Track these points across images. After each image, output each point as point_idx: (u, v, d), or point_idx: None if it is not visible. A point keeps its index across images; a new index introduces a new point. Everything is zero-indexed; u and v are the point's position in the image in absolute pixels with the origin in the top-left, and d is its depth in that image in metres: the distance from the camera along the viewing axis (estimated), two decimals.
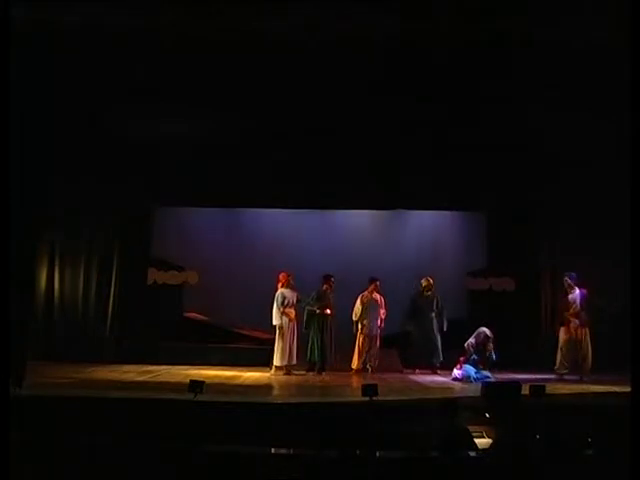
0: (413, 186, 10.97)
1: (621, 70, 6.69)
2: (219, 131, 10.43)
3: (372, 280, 10.55)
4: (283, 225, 12.19)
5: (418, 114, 10.22)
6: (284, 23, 8.95)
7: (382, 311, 10.47)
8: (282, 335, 9.91)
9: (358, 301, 10.50)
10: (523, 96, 9.92)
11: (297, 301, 10.07)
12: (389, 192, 11.09)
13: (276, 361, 9.90)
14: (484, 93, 9.99)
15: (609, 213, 10.33)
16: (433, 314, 10.51)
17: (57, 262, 11.16)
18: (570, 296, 9.78)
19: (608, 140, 9.96)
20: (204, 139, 10.51)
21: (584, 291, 9.75)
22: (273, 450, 5.07)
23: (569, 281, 9.81)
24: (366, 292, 10.54)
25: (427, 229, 12.33)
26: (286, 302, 9.96)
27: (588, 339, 9.62)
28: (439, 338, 10.48)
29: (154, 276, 11.57)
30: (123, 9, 8.79)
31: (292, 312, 10.00)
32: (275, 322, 9.95)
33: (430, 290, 10.61)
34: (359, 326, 10.47)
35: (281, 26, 9.05)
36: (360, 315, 10.46)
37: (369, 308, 10.45)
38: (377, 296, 10.53)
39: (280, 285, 10.06)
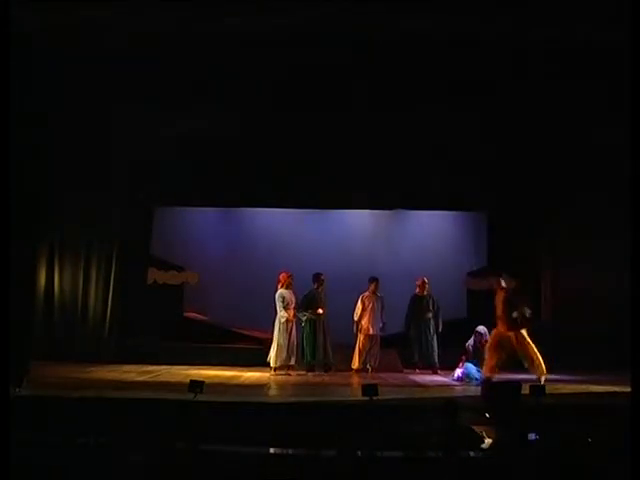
0: (413, 186, 10.97)
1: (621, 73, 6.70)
2: (219, 131, 10.43)
3: (372, 280, 10.55)
4: (283, 225, 12.19)
5: (418, 114, 10.22)
6: (284, 20, 8.94)
7: (382, 315, 10.46)
8: (280, 336, 9.90)
9: (359, 301, 10.50)
10: (523, 96, 9.92)
11: (295, 304, 10.04)
12: (389, 192, 11.08)
13: (273, 362, 9.89)
14: (484, 93, 9.99)
15: (609, 213, 10.34)
16: (430, 314, 10.52)
17: (57, 262, 11.15)
18: (497, 297, 9.24)
19: (608, 139, 9.96)
20: (204, 139, 10.50)
21: (507, 292, 9.28)
22: (273, 450, 5.07)
23: (500, 282, 9.49)
24: (367, 292, 10.54)
25: (427, 229, 12.33)
26: (286, 303, 9.95)
27: (522, 340, 9.02)
28: (435, 338, 10.49)
29: (154, 276, 11.58)
30: (123, 9, 8.79)
31: (291, 313, 9.98)
32: (282, 320, 9.93)
33: (425, 291, 10.58)
34: (359, 326, 10.48)
35: (282, 23, 9.04)
36: (360, 315, 10.47)
37: (369, 308, 10.45)
38: (378, 296, 10.52)
39: (280, 285, 10.04)
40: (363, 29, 9.13)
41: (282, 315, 9.93)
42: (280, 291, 10.01)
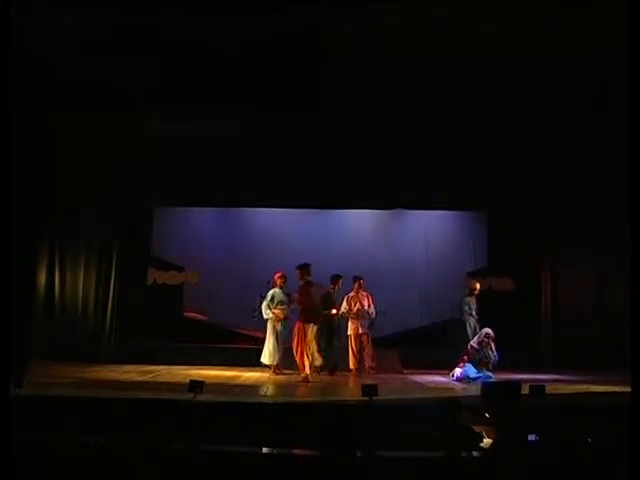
0: (413, 186, 10.97)
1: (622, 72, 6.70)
2: (219, 131, 10.43)
3: (355, 278, 10.50)
4: (283, 225, 12.19)
5: (418, 114, 10.22)
6: (281, 19, 8.93)
7: (371, 310, 10.39)
8: (270, 334, 9.93)
9: (344, 302, 10.44)
10: (523, 96, 9.92)
11: (286, 304, 10.00)
12: (389, 192, 11.08)
13: (264, 359, 9.91)
14: (484, 93, 9.98)
15: (609, 213, 10.35)
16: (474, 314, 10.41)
17: (57, 262, 11.17)
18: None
19: (608, 139, 9.97)
20: (204, 139, 10.51)
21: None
22: (272, 450, 5.07)
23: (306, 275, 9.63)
24: (352, 292, 10.49)
25: (427, 229, 12.33)
26: (277, 301, 9.96)
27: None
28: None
29: (154, 276, 11.59)
30: (122, 8, 8.79)
31: (281, 312, 9.98)
32: (265, 316, 9.97)
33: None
34: (348, 326, 10.43)
35: (283, 25, 9.04)
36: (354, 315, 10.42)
37: (356, 308, 10.40)
38: (362, 294, 10.48)
39: (273, 286, 10.06)
40: (364, 29, 9.12)
41: (268, 314, 9.95)
42: (274, 290, 10.02)
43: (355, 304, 10.40)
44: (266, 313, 9.97)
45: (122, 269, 11.21)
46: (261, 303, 10.13)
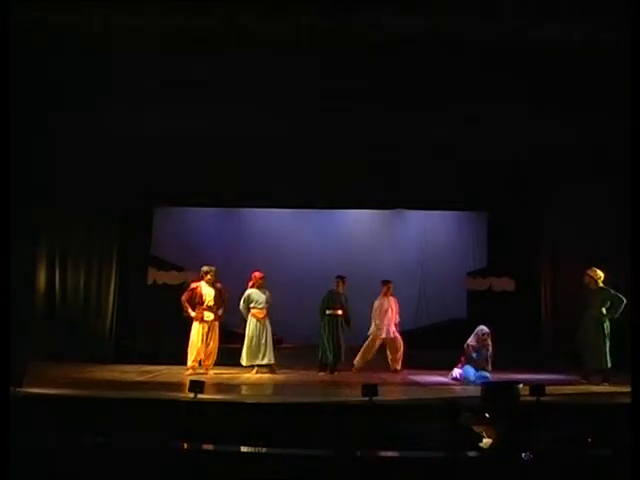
0: (413, 186, 10.97)
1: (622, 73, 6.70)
2: (219, 131, 10.42)
3: (383, 283, 10.52)
4: (283, 225, 12.19)
5: (419, 114, 10.22)
6: (283, 20, 8.92)
7: (397, 317, 10.41)
8: (247, 335, 9.92)
9: (376, 304, 10.43)
10: (523, 95, 9.92)
11: (265, 304, 9.97)
12: (389, 192, 11.08)
13: (245, 361, 9.88)
14: (483, 93, 9.98)
15: (609, 212, 10.34)
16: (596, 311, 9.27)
17: (57, 262, 11.14)
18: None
19: (608, 140, 9.96)
20: (204, 139, 10.50)
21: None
22: (272, 450, 5.06)
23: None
24: (380, 295, 10.49)
25: (427, 229, 12.32)
26: (251, 302, 9.95)
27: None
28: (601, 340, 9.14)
29: (154, 276, 11.57)
30: (122, 8, 8.78)
31: (261, 312, 9.96)
32: (247, 319, 9.97)
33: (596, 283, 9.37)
34: (376, 329, 10.41)
35: (280, 25, 9.02)
36: (379, 319, 10.40)
37: (383, 311, 10.38)
38: (391, 299, 10.48)
39: (251, 284, 10.03)
40: (362, 29, 9.12)
41: (245, 314, 9.95)
42: (248, 291, 10.00)
43: (384, 309, 10.36)
44: (245, 315, 9.98)
45: (122, 269, 11.20)
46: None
